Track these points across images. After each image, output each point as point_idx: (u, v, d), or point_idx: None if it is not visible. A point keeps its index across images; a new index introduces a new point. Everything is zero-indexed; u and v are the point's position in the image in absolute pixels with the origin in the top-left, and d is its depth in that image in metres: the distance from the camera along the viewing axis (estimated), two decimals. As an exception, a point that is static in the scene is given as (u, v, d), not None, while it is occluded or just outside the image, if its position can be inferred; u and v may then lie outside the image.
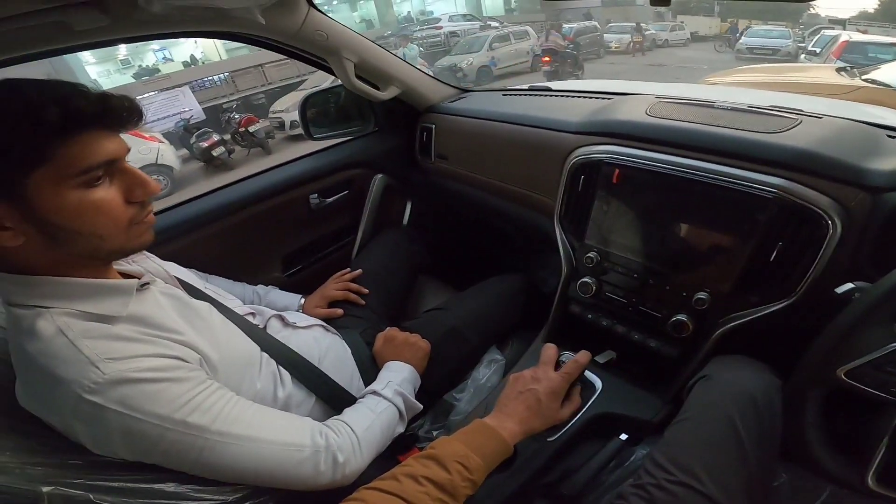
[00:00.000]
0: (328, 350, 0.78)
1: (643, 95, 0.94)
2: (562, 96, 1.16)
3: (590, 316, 0.88)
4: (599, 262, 0.83)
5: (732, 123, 0.76)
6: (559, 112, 0.98)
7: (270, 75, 10.87)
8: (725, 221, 0.70)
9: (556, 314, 0.93)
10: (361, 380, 0.79)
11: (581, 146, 0.86)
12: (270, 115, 8.31)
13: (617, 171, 0.79)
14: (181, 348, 0.52)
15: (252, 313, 0.75)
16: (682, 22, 18.37)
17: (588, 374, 0.79)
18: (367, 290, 0.97)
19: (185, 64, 15.92)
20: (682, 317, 0.75)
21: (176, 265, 0.71)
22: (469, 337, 0.91)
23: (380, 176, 1.27)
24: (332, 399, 0.71)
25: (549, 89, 1.24)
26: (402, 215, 1.38)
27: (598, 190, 0.82)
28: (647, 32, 15.12)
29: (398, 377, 0.73)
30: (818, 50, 6.88)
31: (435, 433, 0.83)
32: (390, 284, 1.03)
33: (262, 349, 0.66)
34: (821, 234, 0.64)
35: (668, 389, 0.78)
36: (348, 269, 1.02)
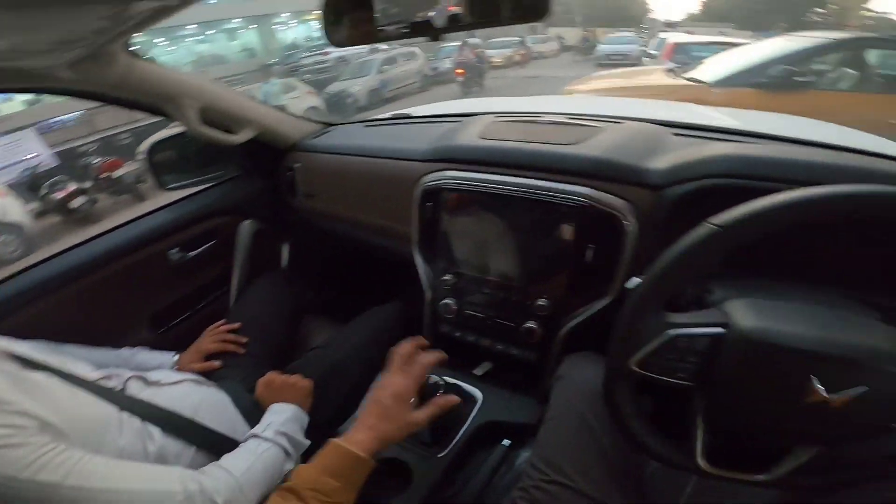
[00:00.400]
0: (202, 402, 0.76)
1: (484, 116, 1.00)
2: (420, 123, 1.21)
3: (457, 334, 0.91)
4: (456, 282, 0.88)
5: (547, 138, 0.83)
6: (412, 141, 1.02)
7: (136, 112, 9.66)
8: (549, 232, 0.77)
9: (427, 336, 0.95)
10: (248, 426, 0.77)
11: (426, 174, 0.90)
12: (139, 157, 7.43)
13: (456, 195, 0.85)
14: (16, 417, 0.52)
15: (108, 377, 0.72)
16: (556, 34, 19.95)
17: (468, 386, 0.83)
18: (245, 339, 0.94)
19: (28, 103, 13.69)
20: (530, 324, 0.81)
21: (10, 339, 0.67)
22: (353, 370, 0.92)
23: (247, 222, 1.22)
24: (213, 448, 0.70)
25: (409, 116, 1.30)
26: (279, 259, 1.34)
27: (443, 215, 0.87)
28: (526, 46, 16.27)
29: (280, 418, 0.73)
30: (655, 53, 7.45)
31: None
32: (271, 329, 1.01)
33: (121, 409, 0.65)
34: (621, 235, 0.70)
35: (538, 392, 0.82)
36: (223, 321, 0.98)
